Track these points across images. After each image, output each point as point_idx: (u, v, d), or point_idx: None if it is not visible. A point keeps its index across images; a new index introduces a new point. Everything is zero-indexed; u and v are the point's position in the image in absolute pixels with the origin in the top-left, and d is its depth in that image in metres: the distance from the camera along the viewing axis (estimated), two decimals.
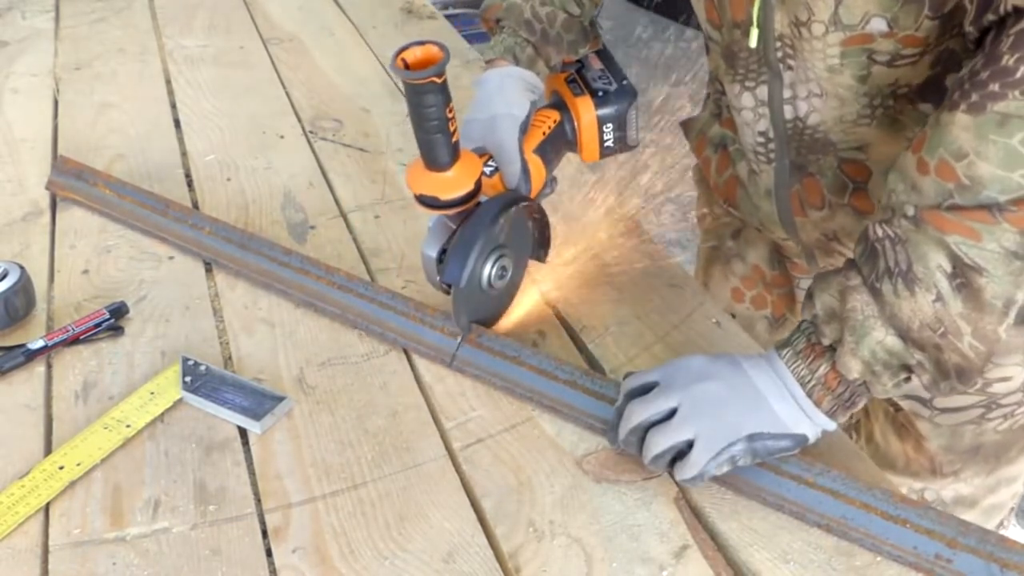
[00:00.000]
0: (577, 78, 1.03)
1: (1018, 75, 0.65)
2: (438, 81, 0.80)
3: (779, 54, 0.85)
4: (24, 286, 0.99)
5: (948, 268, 0.70)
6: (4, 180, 1.27)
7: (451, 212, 0.89)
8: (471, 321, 0.93)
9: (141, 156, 1.32)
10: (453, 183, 0.87)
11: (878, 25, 0.77)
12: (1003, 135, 0.66)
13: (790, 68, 0.86)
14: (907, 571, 0.73)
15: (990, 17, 0.69)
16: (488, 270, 0.91)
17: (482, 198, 0.90)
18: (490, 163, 0.93)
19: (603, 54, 1.05)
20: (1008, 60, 0.65)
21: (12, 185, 1.26)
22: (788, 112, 0.90)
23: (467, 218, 0.89)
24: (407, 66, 0.80)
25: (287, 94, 1.50)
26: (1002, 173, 0.66)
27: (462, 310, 0.91)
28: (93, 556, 0.75)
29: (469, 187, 0.87)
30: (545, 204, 1.00)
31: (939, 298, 0.70)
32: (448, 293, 0.90)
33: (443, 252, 0.91)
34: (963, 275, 0.69)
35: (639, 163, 1.14)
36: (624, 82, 1.02)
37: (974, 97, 0.67)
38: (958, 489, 1.13)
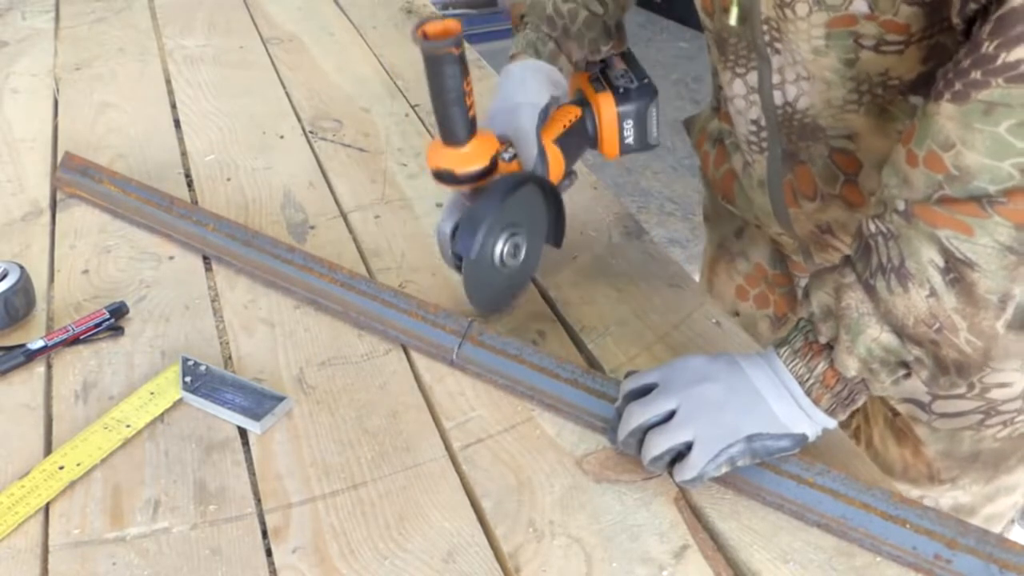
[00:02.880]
0: (600, 76, 1.05)
1: (999, 62, 0.63)
2: (455, 52, 0.82)
3: (766, 38, 0.85)
4: (24, 286, 1.00)
5: (940, 263, 0.69)
6: (4, 180, 1.27)
7: (466, 188, 0.91)
8: (483, 304, 0.93)
9: (141, 156, 1.32)
10: (468, 158, 0.88)
11: (860, 7, 0.76)
12: (989, 124, 0.65)
13: (777, 52, 0.86)
14: (907, 571, 0.73)
15: (972, 6, 0.68)
16: (500, 247, 0.92)
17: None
18: (510, 149, 0.95)
19: (627, 56, 1.07)
20: (988, 47, 0.64)
21: (12, 185, 1.26)
22: (778, 97, 0.90)
23: (480, 192, 0.90)
24: (427, 37, 0.82)
25: (287, 94, 1.50)
26: (990, 162, 0.65)
27: (473, 286, 0.91)
28: (93, 556, 0.75)
29: (484, 163, 0.89)
30: None
31: (932, 293, 0.70)
32: (460, 271, 0.90)
33: (457, 228, 0.92)
34: (955, 270, 0.69)
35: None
36: (645, 80, 1.04)
37: (957, 86, 0.66)
38: (956, 497, 1.12)
